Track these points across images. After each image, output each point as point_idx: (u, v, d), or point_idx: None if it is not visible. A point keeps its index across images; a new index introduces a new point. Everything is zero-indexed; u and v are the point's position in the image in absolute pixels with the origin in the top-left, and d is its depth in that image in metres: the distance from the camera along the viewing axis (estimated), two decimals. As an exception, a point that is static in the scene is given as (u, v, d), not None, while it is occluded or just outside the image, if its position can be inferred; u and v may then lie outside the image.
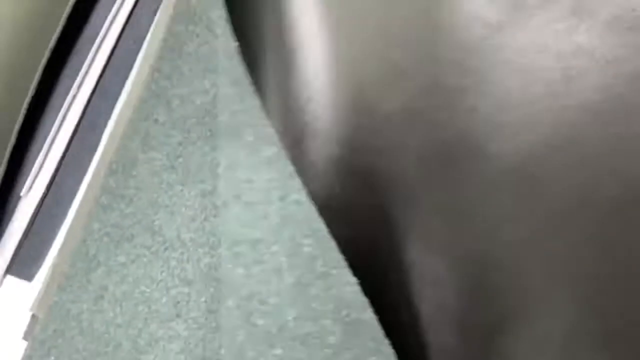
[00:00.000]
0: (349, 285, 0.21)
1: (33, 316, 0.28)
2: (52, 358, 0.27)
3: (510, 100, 0.25)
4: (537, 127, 0.24)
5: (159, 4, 0.30)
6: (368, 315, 0.21)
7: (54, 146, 0.29)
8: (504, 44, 0.25)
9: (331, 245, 0.21)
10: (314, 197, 0.23)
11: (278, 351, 0.21)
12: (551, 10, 0.25)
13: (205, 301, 0.26)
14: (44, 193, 0.29)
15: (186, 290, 0.27)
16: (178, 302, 0.27)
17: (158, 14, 0.30)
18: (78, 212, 0.28)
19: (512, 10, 0.26)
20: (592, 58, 0.24)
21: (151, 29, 0.30)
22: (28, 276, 0.28)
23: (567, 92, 0.24)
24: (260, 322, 0.21)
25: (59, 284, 0.27)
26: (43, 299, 0.28)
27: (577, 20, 0.24)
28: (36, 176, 0.29)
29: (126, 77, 0.30)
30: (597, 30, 0.24)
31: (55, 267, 0.28)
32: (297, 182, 0.22)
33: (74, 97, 0.30)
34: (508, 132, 0.25)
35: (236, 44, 0.25)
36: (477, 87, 0.26)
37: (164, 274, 0.27)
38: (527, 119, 0.25)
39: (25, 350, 0.27)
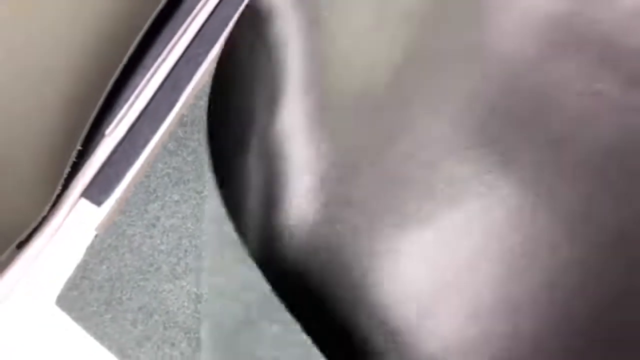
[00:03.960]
0: None
1: (96, 236, 0.34)
2: (104, 267, 0.33)
3: (530, 124, 0.29)
4: (546, 150, 0.27)
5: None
6: None
7: (140, 98, 0.35)
8: (540, 78, 0.28)
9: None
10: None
11: None
12: (583, 54, 0.28)
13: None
14: (124, 135, 0.35)
15: (223, 232, 0.32)
16: (215, 241, 0.32)
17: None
18: (149, 154, 0.34)
19: (550, 48, 0.30)
20: (608, 104, 0.26)
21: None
22: (98, 202, 0.34)
23: (579, 129, 0.27)
24: None
25: (120, 208, 0.33)
26: (106, 222, 0.34)
27: (601, 69, 0.27)
28: (120, 120, 0.35)
29: (209, 51, 0.36)
30: (617, 81, 0.27)
31: (120, 198, 0.34)
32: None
33: (164, 60, 0.36)
34: (521, 149, 0.27)
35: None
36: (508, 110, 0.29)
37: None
38: (541, 141, 0.27)
39: (84, 256, 0.33)
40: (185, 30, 0.37)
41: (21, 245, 0.34)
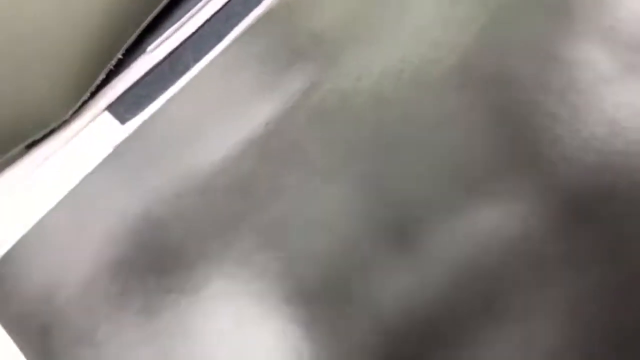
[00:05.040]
0: None
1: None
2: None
3: (592, 142, 0.28)
4: (602, 172, 0.26)
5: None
6: None
7: (189, 23, 0.34)
8: (605, 95, 0.28)
9: None
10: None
11: None
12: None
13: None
14: (164, 57, 0.33)
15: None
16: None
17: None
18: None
19: (624, 70, 0.29)
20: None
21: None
22: (123, 119, 0.33)
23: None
24: None
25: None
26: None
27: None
28: (164, 40, 0.34)
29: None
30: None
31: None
32: None
33: (221, -10, 0.35)
34: (575, 168, 0.27)
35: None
36: (568, 119, 0.28)
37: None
38: (599, 162, 0.27)
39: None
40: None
41: (32, 145, 0.32)
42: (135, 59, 0.34)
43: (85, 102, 0.33)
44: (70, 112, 0.32)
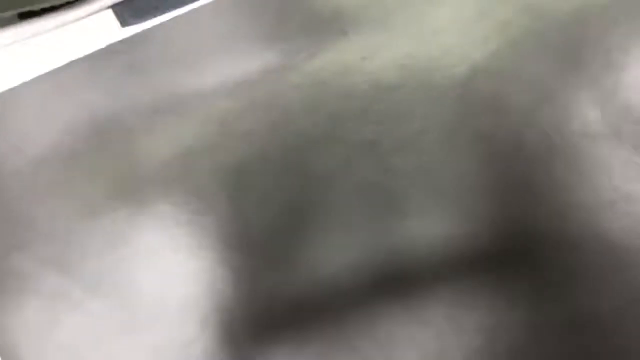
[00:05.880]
0: None
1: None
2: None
3: (560, 190, 0.28)
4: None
5: None
6: None
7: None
8: (584, 150, 0.29)
9: None
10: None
11: None
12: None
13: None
14: (184, -25, 0.33)
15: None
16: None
17: None
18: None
19: (611, 133, 0.29)
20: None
21: None
22: (124, 22, 0.32)
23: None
24: None
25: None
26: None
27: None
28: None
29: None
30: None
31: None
32: None
33: None
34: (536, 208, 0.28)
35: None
36: (543, 160, 0.29)
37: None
38: (563, 210, 0.27)
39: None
40: None
41: (25, 16, 0.32)
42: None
43: (94, -8, 0.32)
44: (76, -3, 0.31)
